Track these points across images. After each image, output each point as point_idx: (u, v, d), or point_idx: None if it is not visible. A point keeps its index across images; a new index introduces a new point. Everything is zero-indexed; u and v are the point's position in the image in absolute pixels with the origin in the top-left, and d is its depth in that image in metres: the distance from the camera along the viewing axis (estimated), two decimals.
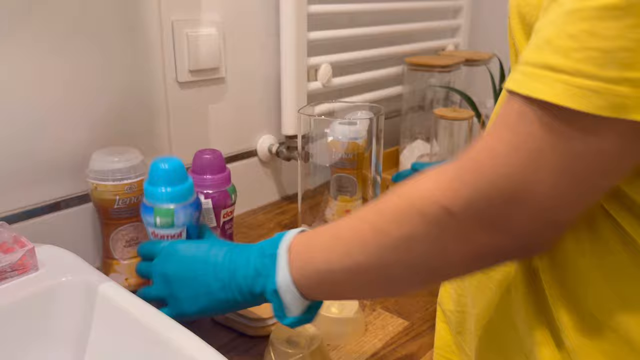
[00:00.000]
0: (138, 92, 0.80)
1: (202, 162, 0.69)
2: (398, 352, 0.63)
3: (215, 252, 0.52)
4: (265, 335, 0.63)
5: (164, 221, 0.60)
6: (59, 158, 0.73)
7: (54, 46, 0.69)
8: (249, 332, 0.65)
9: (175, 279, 0.54)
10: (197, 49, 0.84)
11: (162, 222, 0.60)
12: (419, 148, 1.15)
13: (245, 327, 0.65)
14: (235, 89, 0.93)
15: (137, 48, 0.78)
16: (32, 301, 0.55)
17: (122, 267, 0.71)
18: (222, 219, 0.71)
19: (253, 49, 0.94)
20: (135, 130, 0.81)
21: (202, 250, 0.53)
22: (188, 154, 0.75)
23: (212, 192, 0.69)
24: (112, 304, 0.55)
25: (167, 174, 0.60)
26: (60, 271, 0.59)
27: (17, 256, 0.56)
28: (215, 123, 0.92)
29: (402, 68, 1.19)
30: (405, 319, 0.69)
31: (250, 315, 0.65)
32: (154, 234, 0.62)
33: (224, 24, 0.88)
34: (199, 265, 0.52)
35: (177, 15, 0.82)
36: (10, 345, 0.54)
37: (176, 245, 0.56)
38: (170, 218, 0.60)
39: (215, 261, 0.52)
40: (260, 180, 1.03)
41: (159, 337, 0.50)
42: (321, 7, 0.98)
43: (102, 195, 0.67)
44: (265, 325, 0.64)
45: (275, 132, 1.02)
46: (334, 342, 0.63)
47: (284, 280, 0.46)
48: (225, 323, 0.66)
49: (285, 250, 0.46)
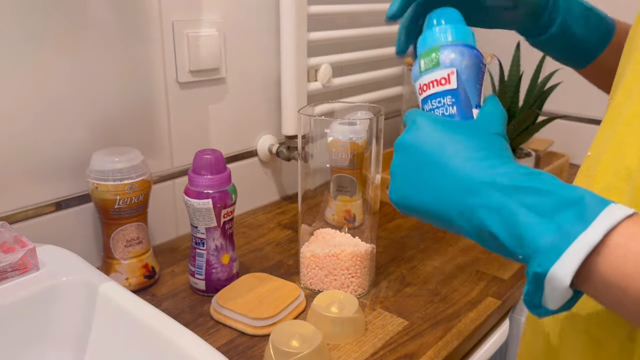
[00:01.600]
0: (139, 92, 0.80)
1: (202, 162, 0.69)
2: (398, 351, 0.63)
3: (483, 156, 0.38)
4: (265, 335, 0.64)
5: (428, 62, 0.44)
6: (60, 158, 0.73)
7: (54, 46, 0.69)
8: (248, 332, 0.65)
9: (416, 154, 0.40)
10: (198, 49, 0.84)
11: (427, 64, 0.44)
12: None
13: (245, 327, 0.65)
14: (235, 89, 0.93)
15: (138, 48, 0.78)
16: (32, 301, 0.55)
17: (123, 267, 0.72)
18: (222, 219, 0.71)
19: (253, 50, 0.94)
20: (135, 131, 0.81)
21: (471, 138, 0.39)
22: (188, 154, 0.75)
23: (213, 192, 0.69)
24: (112, 304, 0.56)
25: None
26: (60, 271, 0.59)
27: (17, 256, 0.56)
28: (215, 123, 0.92)
29: (402, 68, 1.20)
30: (405, 318, 0.69)
31: (250, 315, 0.65)
32: (420, 89, 0.45)
33: (225, 25, 0.88)
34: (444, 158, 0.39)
35: (177, 16, 0.82)
36: (11, 345, 0.54)
37: (430, 118, 0.42)
38: (434, 55, 0.44)
39: (472, 169, 0.37)
40: (260, 180, 1.03)
41: (159, 336, 0.51)
42: (321, 7, 0.98)
43: (102, 195, 0.68)
44: (265, 325, 0.65)
45: (276, 132, 1.02)
46: (333, 341, 0.63)
47: (562, 273, 0.31)
48: (226, 323, 0.66)
49: (603, 232, 0.31)
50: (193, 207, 0.69)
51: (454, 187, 0.37)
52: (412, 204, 0.41)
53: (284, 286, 0.71)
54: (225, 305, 0.67)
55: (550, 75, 1.06)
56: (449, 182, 0.38)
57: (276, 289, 0.70)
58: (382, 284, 0.77)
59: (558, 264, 0.32)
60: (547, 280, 0.32)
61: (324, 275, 0.73)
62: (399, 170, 0.41)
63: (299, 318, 0.68)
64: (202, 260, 0.72)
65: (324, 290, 0.72)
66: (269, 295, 0.69)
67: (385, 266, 0.82)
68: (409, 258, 0.84)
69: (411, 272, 0.80)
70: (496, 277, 0.79)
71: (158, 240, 0.88)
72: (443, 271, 0.81)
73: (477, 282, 0.78)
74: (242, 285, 0.71)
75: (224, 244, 0.73)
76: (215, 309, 0.68)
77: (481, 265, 0.82)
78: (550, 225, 0.33)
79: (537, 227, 0.33)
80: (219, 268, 0.73)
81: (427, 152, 0.40)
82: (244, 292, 0.69)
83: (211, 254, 0.72)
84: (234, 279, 0.75)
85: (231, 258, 0.74)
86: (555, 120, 1.02)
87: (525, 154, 1.08)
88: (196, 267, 0.73)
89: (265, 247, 0.88)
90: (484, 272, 0.80)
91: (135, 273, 0.72)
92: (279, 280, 0.73)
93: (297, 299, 0.69)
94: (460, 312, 0.71)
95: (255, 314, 0.65)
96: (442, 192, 0.38)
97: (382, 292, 0.75)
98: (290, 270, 0.79)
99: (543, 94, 1.04)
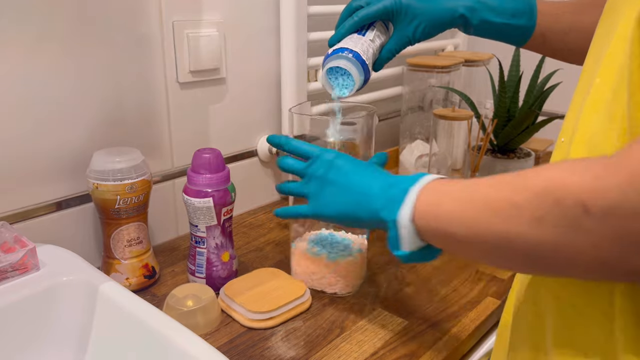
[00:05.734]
0: (139, 92, 0.80)
1: (202, 161, 0.70)
2: (398, 351, 0.63)
3: (365, 172, 0.57)
4: (266, 328, 0.66)
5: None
6: (60, 158, 0.73)
7: (55, 47, 0.69)
8: (244, 323, 0.66)
9: (330, 184, 0.58)
10: (198, 49, 0.84)
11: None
12: (419, 148, 1.15)
13: (241, 318, 0.67)
14: (235, 89, 0.93)
15: (138, 49, 0.78)
16: (33, 301, 0.55)
17: (123, 266, 0.72)
18: (222, 217, 0.71)
19: (253, 50, 0.95)
20: (136, 131, 0.81)
21: (360, 168, 0.58)
22: (189, 154, 0.75)
23: (212, 190, 0.69)
24: (112, 304, 0.56)
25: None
26: (61, 271, 0.59)
27: (18, 256, 0.56)
28: (215, 123, 0.92)
29: (402, 68, 1.20)
30: (405, 318, 0.69)
31: (248, 307, 0.66)
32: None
33: (225, 25, 0.88)
34: (351, 179, 0.57)
35: (177, 16, 0.82)
36: (12, 345, 0.54)
37: (343, 157, 0.60)
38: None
39: (361, 181, 0.56)
40: (260, 180, 1.03)
41: (159, 336, 0.51)
42: (321, 7, 0.98)
43: (103, 195, 0.68)
44: (261, 319, 0.66)
45: (276, 132, 1.02)
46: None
47: (405, 215, 0.47)
48: (225, 310, 0.69)
49: (417, 190, 0.47)
50: (193, 206, 0.70)
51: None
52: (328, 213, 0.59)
53: (291, 284, 0.72)
54: (228, 293, 0.69)
55: (550, 75, 1.06)
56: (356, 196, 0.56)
57: (283, 286, 0.71)
58: (381, 284, 0.77)
59: (402, 210, 0.48)
60: (400, 225, 0.48)
61: (311, 272, 0.74)
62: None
63: (300, 316, 0.68)
64: (202, 259, 0.72)
65: (314, 287, 0.74)
66: (274, 291, 0.70)
67: (385, 266, 0.82)
68: None
69: (411, 272, 0.80)
70: (495, 277, 0.79)
71: (158, 240, 0.88)
72: (443, 271, 0.81)
73: (477, 282, 0.78)
74: (254, 278, 0.73)
75: (224, 242, 0.73)
76: (220, 296, 0.70)
77: (480, 265, 0.82)
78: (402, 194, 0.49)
79: (392, 199, 0.50)
80: (220, 266, 0.73)
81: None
82: (253, 285, 0.71)
83: (211, 252, 0.72)
84: (234, 276, 0.75)
85: (231, 256, 0.74)
86: (555, 120, 1.02)
87: (525, 154, 1.08)
88: (196, 265, 0.73)
89: (265, 246, 0.88)
90: (483, 272, 0.80)
91: (135, 273, 0.73)
92: (290, 279, 0.73)
93: (300, 298, 0.69)
94: (460, 312, 0.71)
95: (254, 307, 0.66)
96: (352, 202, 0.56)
97: (381, 292, 0.75)
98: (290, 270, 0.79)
99: (543, 94, 1.04)
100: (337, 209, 0.57)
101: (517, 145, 1.08)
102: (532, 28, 0.67)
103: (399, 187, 0.49)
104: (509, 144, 1.06)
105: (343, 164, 0.58)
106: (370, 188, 0.54)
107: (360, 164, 0.58)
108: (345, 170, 0.58)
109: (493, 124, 1.01)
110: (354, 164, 0.58)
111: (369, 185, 0.54)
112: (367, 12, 0.66)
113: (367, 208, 0.53)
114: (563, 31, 0.67)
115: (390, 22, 0.68)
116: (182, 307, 0.64)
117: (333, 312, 0.70)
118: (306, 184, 0.61)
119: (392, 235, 0.50)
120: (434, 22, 0.67)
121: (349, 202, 0.56)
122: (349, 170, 0.57)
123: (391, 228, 0.49)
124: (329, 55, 0.65)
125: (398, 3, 0.66)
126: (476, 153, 1.01)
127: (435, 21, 0.67)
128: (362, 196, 0.54)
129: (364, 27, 0.67)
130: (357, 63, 0.63)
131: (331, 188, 0.58)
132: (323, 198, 0.58)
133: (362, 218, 0.54)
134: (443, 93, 1.18)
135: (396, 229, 0.49)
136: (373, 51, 0.66)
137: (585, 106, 0.42)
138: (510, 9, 0.66)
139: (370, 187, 0.54)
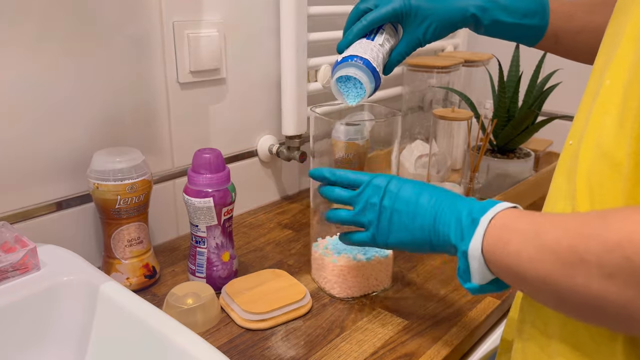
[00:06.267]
0: (139, 92, 0.80)
1: (202, 161, 0.70)
2: (397, 351, 0.63)
3: (428, 196, 0.54)
4: (265, 329, 0.66)
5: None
6: (61, 158, 0.73)
7: (55, 47, 0.69)
8: (240, 323, 0.67)
9: (388, 211, 0.56)
10: (198, 49, 0.84)
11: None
12: (418, 148, 1.15)
13: (237, 317, 0.67)
14: (235, 89, 0.94)
15: (139, 49, 0.78)
16: (33, 301, 0.55)
17: (124, 266, 0.72)
18: (222, 217, 0.71)
19: (253, 50, 0.95)
20: (136, 131, 0.81)
21: (418, 190, 0.55)
22: (189, 154, 0.75)
23: (213, 190, 0.69)
24: (113, 304, 0.56)
25: None
26: (61, 271, 0.59)
27: (18, 256, 0.57)
28: (215, 123, 0.92)
29: (402, 69, 1.20)
30: (405, 318, 0.69)
31: (244, 307, 0.66)
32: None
33: (225, 25, 0.88)
34: (411, 205, 0.55)
35: (178, 16, 0.82)
36: (12, 345, 0.54)
37: (395, 180, 0.57)
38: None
39: (426, 204, 0.54)
40: (260, 180, 1.03)
41: (159, 336, 0.51)
42: (321, 8, 0.98)
43: (103, 195, 0.68)
44: (255, 320, 0.66)
45: (276, 132, 1.03)
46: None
47: (475, 247, 0.46)
48: (224, 308, 0.69)
49: (488, 220, 0.46)
50: (194, 206, 0.70)
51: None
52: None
53: (292, 287, 0.72)
54: (229, 292, 0.70)
55: (550, 75, 1.06)
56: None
57: (284, 287, 0.71)
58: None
59: (471, 242, 0.46)
60: (471, 257, 0.46)
61: (365, 279, 0.73)
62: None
63: (297, 320, 0.68)
64: (202, 259, 0.72)
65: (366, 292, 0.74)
66: (274, 293, 0.70)
67: None
68: (409, 258, 0.84)
69: (411, 272, 0.80)
70: None
71: (159, 240, 0.88)
72: (443, 271, 0.81)
73: None
74: (256, 278, 0.73)
75: (224, 242, 0.73)
76: (222, 295, 0.71)
77: None
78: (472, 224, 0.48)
79: (463, 229, 0.49)
80: (220, 266, 0.73)
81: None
82: (255, 285, 0.71)
83: (212, 252, 0.72)
84: (234, 276, 0.75)
85: (231, 255, 0.74)
86: (554, 120, 1.02)
87: (524, 154, 1.08)
88: (197, 265, 0.73)
89: (265, 247, 0.88)
90: None
91: (135, 273, 0.73)
92: (293, 281, 0.73)
93: (299, 302, 0.69)
94: (460, 311, 0.71)
95: (250, 307, 0.66)
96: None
97: (381, 292, 0.75)
98: (290, 270, 0.79)
99: (542, 94, 1.04)
100: (401, 236, 0.55)
101: (516, 146, 1.08)
102: (544, 28, 0.66)
103: (470, 216, 0.48)
104: (509, 144, 1.07)
105: (398, 189, 0.56)
106: (434, 214, 0.52)
107: (414, 186, 0.56)
108: (402, 196, 0.55)
109: (493, 124, 1.02)
110: (408, 187, 0.56)
111: (434, 211, 0.52)
112: (375, 16, 0.64)
113: (435, 235, 0.52)
114: (575, 31, 0.66)
115: (399, 24, 0.67)
116: (182, 305, 0.65)
117: (333, 312, 0.70)
118: (361, 213, 0.58)
119: (462, 267, 0.48)
120: (444, 23, 0.65)
121: (414, 228, 0.54)
122: (407, 196, 0.55)
123: (460, 258, 0.48)
124: (338, 62, 0.63)
125: (407, 5, 0.64)
126: (476, 153, 1.01)
127: (446, 21, 0.65)
128: (427, 222, 0.53)
129: (373, 31, 0.65)
130: (368, 71, 0.61)
131: (392, 215, 0.55)
132: (383, 226, 0.56)
133: (429, 245, 0.53)
134: (443, 93, 1.19)
135: (466, 260, 0.47)
136: (383, 56, 0.65)
137: (595, 108, 0.41)
138: (523, 8, 0.65)
139: (436, 213, 0.52)
